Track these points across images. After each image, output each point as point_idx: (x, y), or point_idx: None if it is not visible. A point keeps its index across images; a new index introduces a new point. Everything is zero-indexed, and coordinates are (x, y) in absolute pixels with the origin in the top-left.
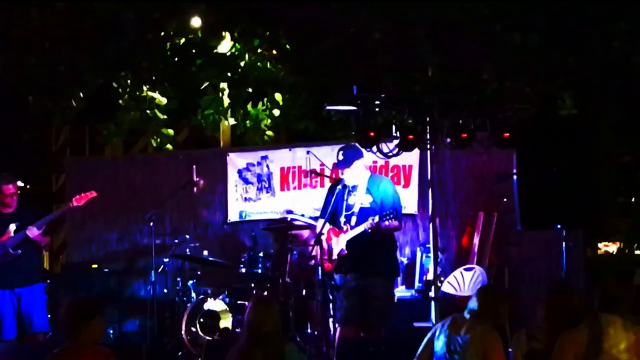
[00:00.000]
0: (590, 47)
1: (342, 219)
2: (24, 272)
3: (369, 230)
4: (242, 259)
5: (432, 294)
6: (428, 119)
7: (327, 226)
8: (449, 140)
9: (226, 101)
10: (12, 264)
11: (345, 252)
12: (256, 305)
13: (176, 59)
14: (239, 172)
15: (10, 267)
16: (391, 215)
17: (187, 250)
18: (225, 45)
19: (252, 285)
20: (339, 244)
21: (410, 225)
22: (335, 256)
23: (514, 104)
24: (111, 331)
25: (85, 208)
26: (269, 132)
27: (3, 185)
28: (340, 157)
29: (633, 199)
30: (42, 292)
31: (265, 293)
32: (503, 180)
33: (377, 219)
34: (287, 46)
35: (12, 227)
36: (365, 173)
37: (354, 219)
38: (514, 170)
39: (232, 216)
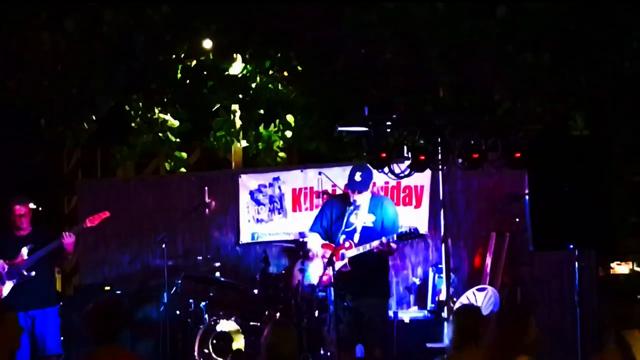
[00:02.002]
0: (602, 67)
1: (342, 237)
2: (38, 295)
3: (378, 250)
4: (254, 280)
5: (444, 314)
6: (439, 139)
7: (320, 241)
8: (460, 160)
9: (238, 123)
10: (26, 286)
11: (349, 268)
12: (275, 329)
13: (188, 81)
14: (251, 193)
15: (25, 289)
16: (410, 235)
17: (200, 271)
18: (237, 67)
19: (265, 306)
20: (341, 260)
21: (422, 245)
22: (330, 272)
23: (525, 124)
24: None
25: (98, 230)
26: (281, 154)
27: (15, 206)
28: (359, 179)
29: None
30: (56, 314)
31: (278, 314)
32: (515, 201)
33: (394, 236)
34: (299, 67)
35: (25, 250)
36: (368, 193)
37: (356, 237)
38: (526, 191)
39: (244, 237)
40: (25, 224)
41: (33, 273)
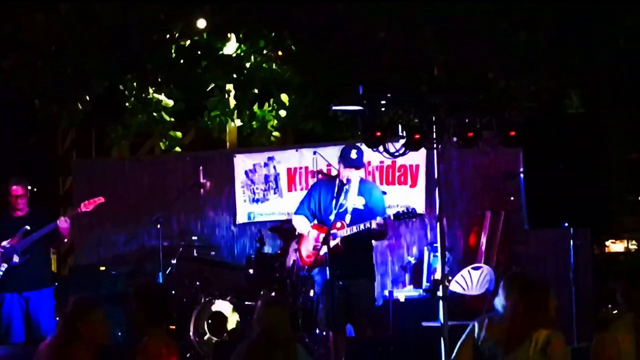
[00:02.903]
0: (597, 45)
1: (332, 217)
2: (32, 276)
3: (375, 231)
4: (250, 260)
5: (440, 293)
6: (434, 118)
7: (307, 222)
8: (455, 139)
9: (232, 102)
10: (21, 268)
11: (342, 248)
12: (273, 307)
13: (182, 60)
14: (246, 173)
15: (19, 271)
16: (409, 214)
17: (195, 252)
18: (231, 47)
19: (260, 286)
20: (333, 240)
21: (418, 225)
22: (323, 251)
23: (520, 102)
24: (120, 333)
25: (93, 211)
26: (276, 133)
27: (12, 186)
28: (355, 156)
29: None
30: (51, 296)
31: (273, 294)
32: (510, 179)
33: (391, 216)
34: (293, 47)
35: (24, 229)
36: (356, 176)
37: (348, 218)
38: (521, 169)
39: (241, 217)
40: (22, 205)
41: (28, 256)
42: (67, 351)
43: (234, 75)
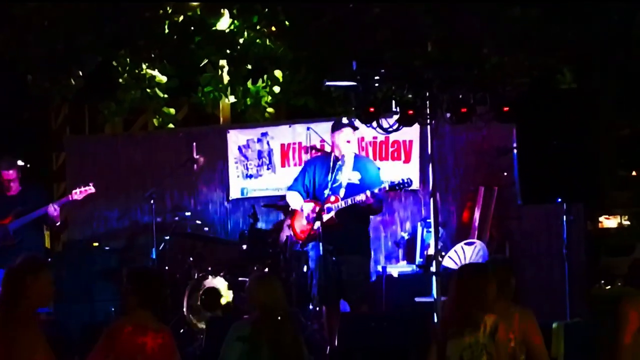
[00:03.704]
0: (590, 20)
1: (327, 192)
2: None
3: (363, 204)
4: (243, 236)
5: (433, 269)
6: (428, 93)
7: (300, 198)
8: (448, 115)
9: (226, 78)
10: (14, 247)
11: (336, 221)
12: (273, 282)
13: (175, 36)
14: (239, 149)
15: (12, 249)
16: (404, 185)
17: (188, 227)
18: (224, 23)
19: (253, 262)
20: (327, 214)
21: (411, 200)
22: (317, 226)
23: (514, 78)
24: (113, 309)
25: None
26: (270, 109)
27: (2, 171)
28: (345, 120)
29: (633, 172)
30: None
31: (266, 270)
32: (503, 155)
33: (387, 187)
34: (286, 22)
35: (17, 209)
36: (349, 151)
37: (342, 192)
38: (514, 145)
39: (234, 193)
40: (15, 186)
41: (21, 237)
42: (12, 305)
43: (227, 51)
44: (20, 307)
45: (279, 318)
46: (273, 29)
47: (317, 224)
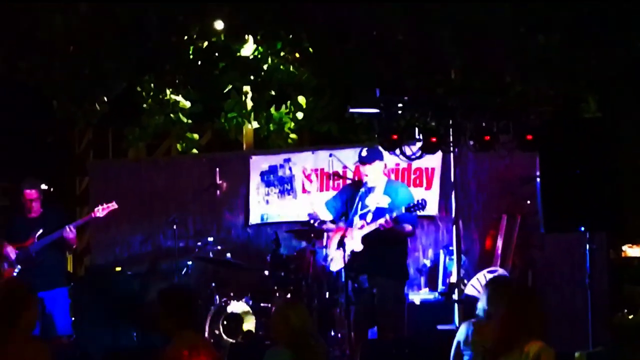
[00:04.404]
0: (614, 48)
1: (357, 219)
2: (47, 276)
3: (383, 228)
4: (265, 262)
5: (455, 296)
6: (451, 121)
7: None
8: (472, 142)
9: (249, 104)
10: (36, 268)
11: (362, 247)
12: (302, 307)
13: (199, 62)
14: (262, 174)
15: (34, 272)
16: (418, 207)
17: (210, 252)
18: (248, 49)
19: (275, 288)
20: (354, 240)
21: (433, 227)
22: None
23: (537, 106)
24: (135, 334)
25: (109, 211)
26: (293, 135)
27: (25, 190)
28: (364, 154)
29: None
30: (65, 295)
31: (289, 296)
32: (526, 183)
33: (402, 209)
34: (310, 49)
35: (36, 233)
36: (383, 177)
37: (369, 217)
38: (537, 173)
39: (253, 219)
40: (36, 207)
41: (42, 257)
42: (9, 336)
43: (251, 77)
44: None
45: (313, 343)
46: (297, 55)
47: (343, 250)
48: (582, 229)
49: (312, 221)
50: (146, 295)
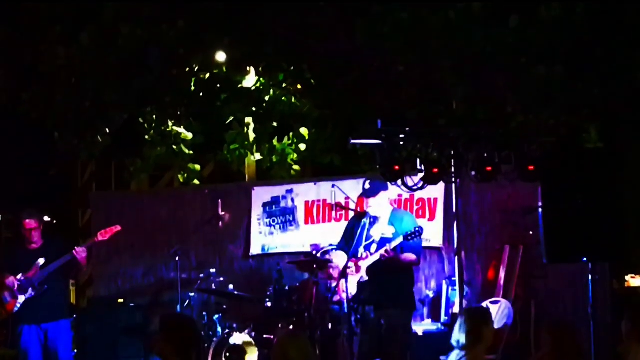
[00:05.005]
0: (615, 78)
1: (362, 249)
2: (50, 308)
3: (384, 258)
4: (268, 293)
5: None
6: (453, 152)
7: (345, 258)
8: (474, 173)
9: (252, 136)
10: (39, 300)
11: (366, 278)
12: (304, 339)
13: (201, 94)
14: (264, 205)
15: (37, 303)
16: (416, 235)
17: (213, 284)
18: (250, 80)
19: (278, 319)
20: (359, 272)
21: (436, 258)
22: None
23: (538, 136)
24: None
25: (111, 242)
26: (295, 167)
27: (24, 220)
28: (367, 186)
29: None
30: (68, 327)
31: (291, 327)
32: (528, 214)
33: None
34: (312, 80)
35: (38, 263)
36: (388, 206)
37: (373, 247)
38: (539, 203)
39: (254, 249)
40: (37, 238)
41: (46, 287)
42: None
43: (253, 109)
44: None
45: None
46: (299, 86)
47: (357, 280)
48: (585, 259)
49: (314, 252)
50: (149, 327)
